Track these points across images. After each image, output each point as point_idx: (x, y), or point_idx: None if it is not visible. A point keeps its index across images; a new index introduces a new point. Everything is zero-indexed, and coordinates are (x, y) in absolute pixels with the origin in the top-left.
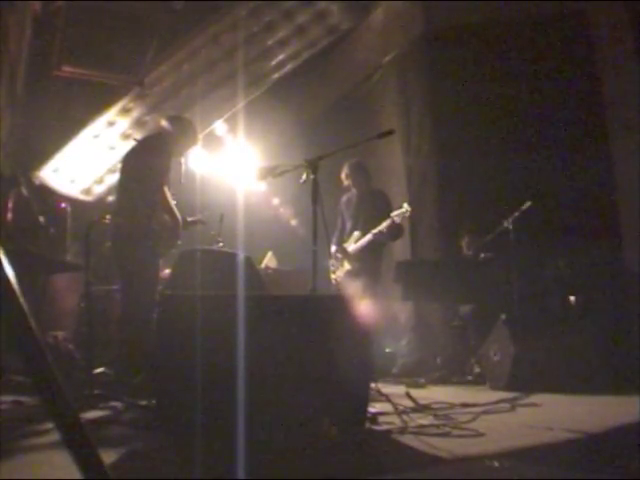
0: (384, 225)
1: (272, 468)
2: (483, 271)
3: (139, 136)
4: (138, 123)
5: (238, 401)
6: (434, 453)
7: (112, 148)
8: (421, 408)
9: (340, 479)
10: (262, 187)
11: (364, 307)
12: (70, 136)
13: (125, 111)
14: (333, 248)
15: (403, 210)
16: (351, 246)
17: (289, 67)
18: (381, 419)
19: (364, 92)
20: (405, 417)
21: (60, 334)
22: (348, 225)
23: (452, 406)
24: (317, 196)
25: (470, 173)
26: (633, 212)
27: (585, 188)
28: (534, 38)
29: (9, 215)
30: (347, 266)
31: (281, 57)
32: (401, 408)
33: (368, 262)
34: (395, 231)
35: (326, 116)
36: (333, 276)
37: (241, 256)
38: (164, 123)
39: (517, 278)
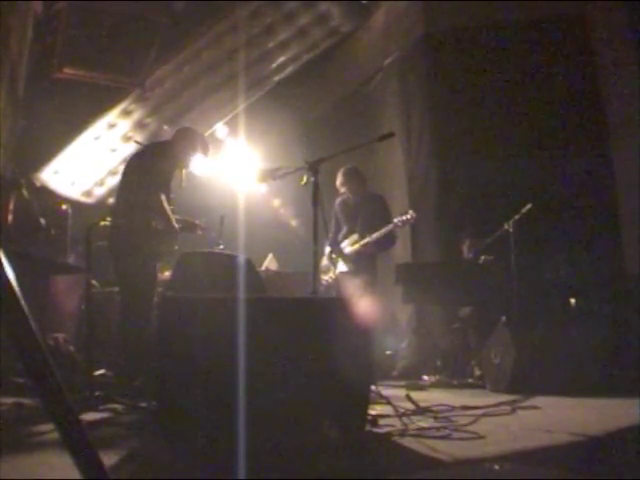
0: (387, 229)
1: (272, 470)
2: (483, 273)
3: (140, 138)
4: (139, 125)
5: (238, 403)
6: (434, 456)
7: (113, 150)
8: (421, 410)
9: None
10: (262, 189)
11: (363, 307)
12: (71, 138)
13: (126, 113)
14: (327, 249)
15: (408, 217)
16: (347, 248)
17: (290, 69)
18: (381, 421)
19: (365, 94)
20: (405, 419)
21: (61, 336)
22: (344, 228)
23: (452, 408)
24: (318, 198)
25: (471, 175)
26: (633, 214)
27: (585, 190)
28: (534, 40)
29: (10, 217)
30: (343, 267)
31: (282, 59)
32: (401, 410)
33: (365, 262)
34: (390, 240)
35: (327, 118)
36: (325, 277)
37: (241, 258)
38: (174, 133)
39: (517, 280)
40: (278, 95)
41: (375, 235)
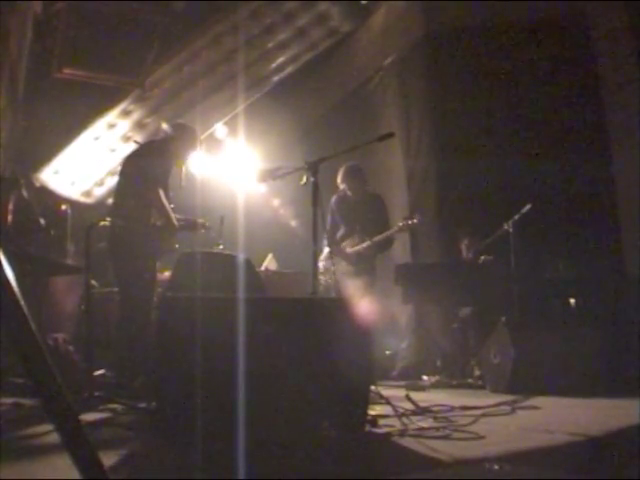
0: (391, 232)
1: (272, 470)
2: (483, 274)
3: (139, 138)
4: (139, 125)
5: (238, 403)
6: (434, 456)
7: (113, 150)
8: (421, 411)
9: None
10: (262, 189)
11: (364, 307)
12: (71, 138)
13: (126, 113)
14: (326, 250)
15: (415, 221)
16: (347, 249)
17: (289, 69)
18: (381, 422)
19: (364, 94)
20: (405, 420)
21: (60, 336)
22: (343, 228)
23: (452, 409)
24: (317, 198)
25: (470, 175)
26: (633, 215)
27: (585, 190)
28: (534, 40)
29: (9, 217)
30: (343, 267)
31: (281, 59)
32: (401, 411)
33: (365, 264)
34: (388, 242)
35: (326, 118)
36: (323, 278)
37: (241, 258)
38: (168, 129)
39: (517, 281)
40: (278, 95)
41: (377, 238)
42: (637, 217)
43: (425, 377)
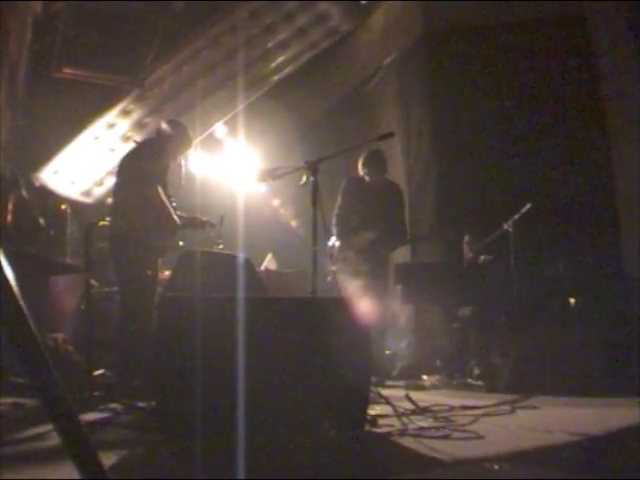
0: (409, 240)
1: (272, 470)
2: (483, 273)
3: (139, 138)
4: (138, 125)
5: (238, 403)
6: (434, 455)
7: (112, 150)
8: (421, 410)
9: None
10: (262, 189)
11: (366, 308)
12: (70, 138)
13: (125, 113)
14: (338, 243)
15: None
16: (362, 246)
17: (289, 69)
18: (381, 421)
19: (364, 94)
20: (405, 419)
21: (60, 336)
22: (356, 216)
23: (452, 408)
24: (317, 198)
25: (470, 175)
26: (632, 215)
27: (585, 191)
28: (534, 40)
29: (9, 217)
30: (355, 265)
31: (281, 59)
32: (401, 410)
33: (381, 263)
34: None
35: (326, 118)
36: (333, 268)
37: (241, 258)
38: (163, 126)
39: (517, 280)
40: (278, 95)
41: (395, 244)
42: (637, 217)
43: (425, 377)
